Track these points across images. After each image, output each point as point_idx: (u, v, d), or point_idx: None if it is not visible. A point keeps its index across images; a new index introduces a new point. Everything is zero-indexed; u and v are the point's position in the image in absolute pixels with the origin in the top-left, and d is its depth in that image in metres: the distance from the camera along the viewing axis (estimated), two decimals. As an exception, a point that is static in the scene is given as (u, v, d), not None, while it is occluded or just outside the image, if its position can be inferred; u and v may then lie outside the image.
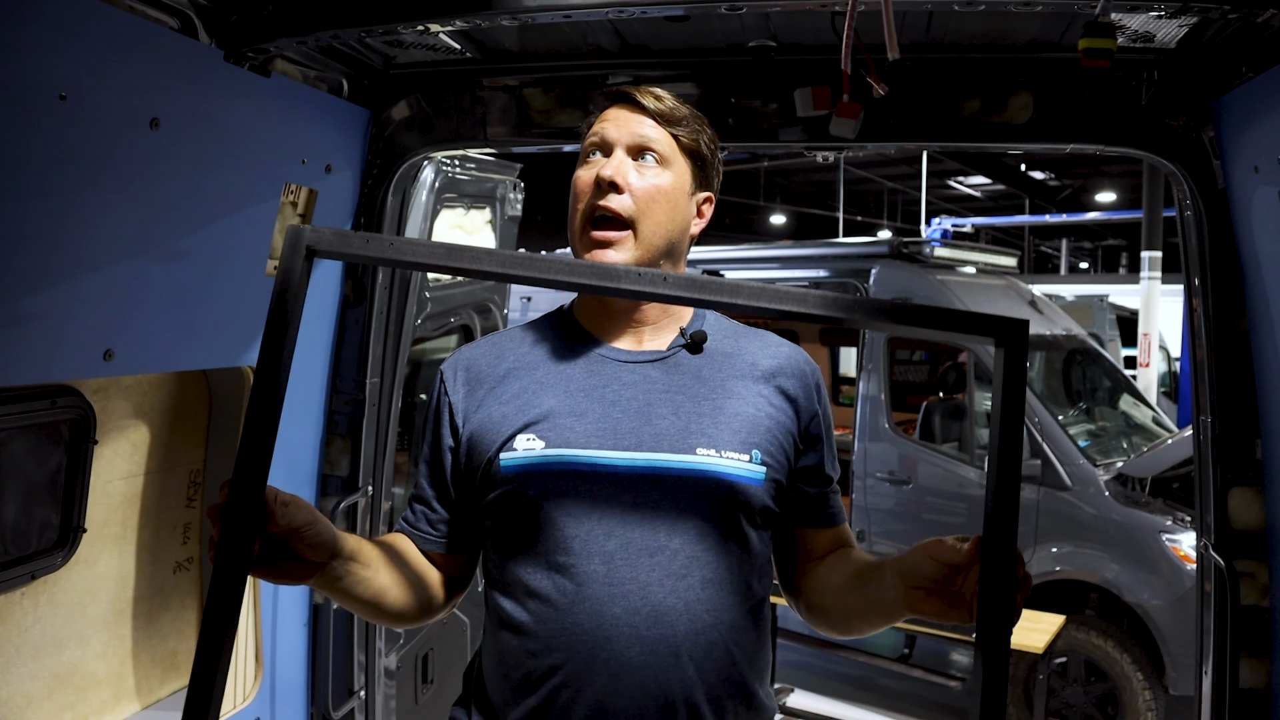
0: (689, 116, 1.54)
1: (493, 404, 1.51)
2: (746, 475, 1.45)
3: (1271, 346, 2.10)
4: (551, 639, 1.39)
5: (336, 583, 1.37)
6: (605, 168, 1.48)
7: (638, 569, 1.40)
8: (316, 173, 2.35)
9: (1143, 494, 5.57)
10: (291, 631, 2.63)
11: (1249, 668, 2.22)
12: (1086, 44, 1.49)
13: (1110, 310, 10.82)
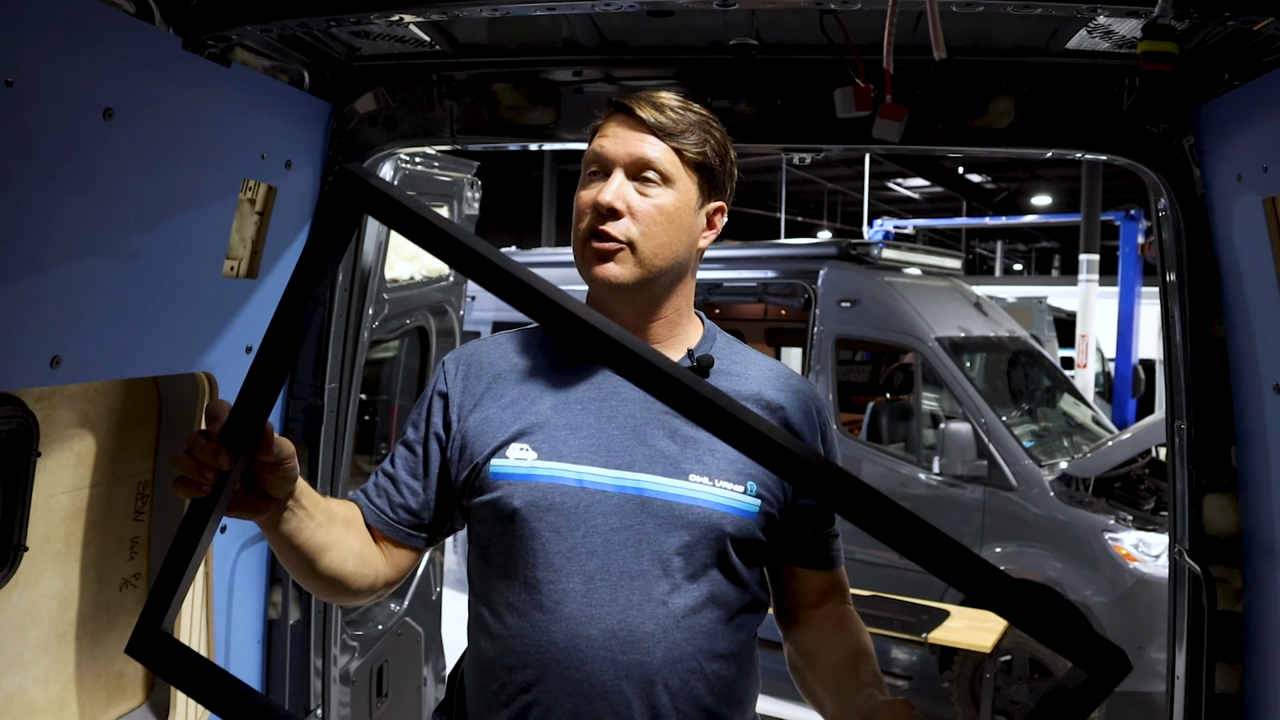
0: (695, 125, 1.47)
1: (490, 405, 1.47)
2: (739, 507, 1.41)
3: (1248, 353, 2.11)
4: (526, 655, 1.37)
5: (281, 524, 1.30)
6: (604, 191, 1.42)
7: (617, 591, 1.36)
8: (276, 168, 2.24)
9: (1086, 494, 5.67)
10: (245, 648, 2.51)
11: (1223, 673, 2.24)
12: (1146, 47, 1.46)
13: (1048, 312, 11.06)
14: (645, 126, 1.44)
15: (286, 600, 2.53)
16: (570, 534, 1.38)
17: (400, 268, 3.10)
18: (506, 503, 1.40)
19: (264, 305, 2.33)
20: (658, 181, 1.44)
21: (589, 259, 1.44)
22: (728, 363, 1.53)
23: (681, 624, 1.37)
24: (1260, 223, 1.95)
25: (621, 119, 1.47)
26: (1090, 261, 9.22)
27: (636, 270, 1.43)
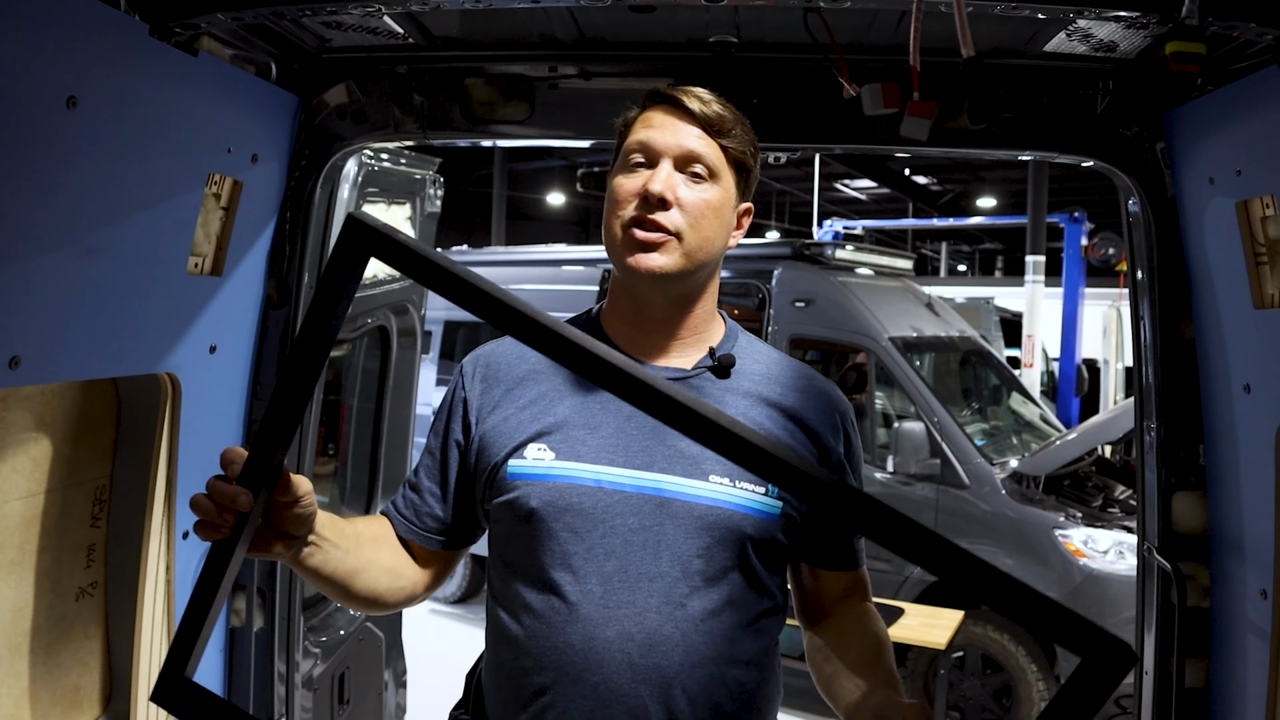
0: (735, 123, 1.46)
1: (509, 406, 1.45)
2: (759, 508, 1.39)
3: (1218, 353, 2.15)
4: (542, 657, 1.36)
5: (308, 559, 1.29)
6: (653, 180, 1.39)
7: (635, 593, 1.34)
8: (243, 162, 2.17)
9: (1036, 491, 5.77)
10: (208, 657, 2.43)
11: (1190, 667, 2.27)
12: (1175, 48, 1.47)
13: (995, 312, 11.25)
14: (693, 118, 1.43)
15: (251, 607, 2.45)
16: (588, 535, 1.36)
17: (363, 266, 3.03)
18: (524, 503, 1.39)
19: (228, 304, 2.26)
20: (705, 176, 1.43)
21: (630, 247, 1.41)
22: (749, 362, 1.52)
23: (700, 627, 1.35)
24: (1232, 225, 1.98)
25: (668, 109, 1.45)
26: (1036, 263, 9.40)
27: (680, 261, 1.41)
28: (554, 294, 7.46)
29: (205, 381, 2.23)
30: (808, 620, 1.59)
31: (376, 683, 3.44)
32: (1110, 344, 9.97)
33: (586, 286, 7.20)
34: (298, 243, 2.41)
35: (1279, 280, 1.91)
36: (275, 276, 2.43)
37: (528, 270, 7.91)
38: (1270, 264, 1.93)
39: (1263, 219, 1.92)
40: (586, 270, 7.42)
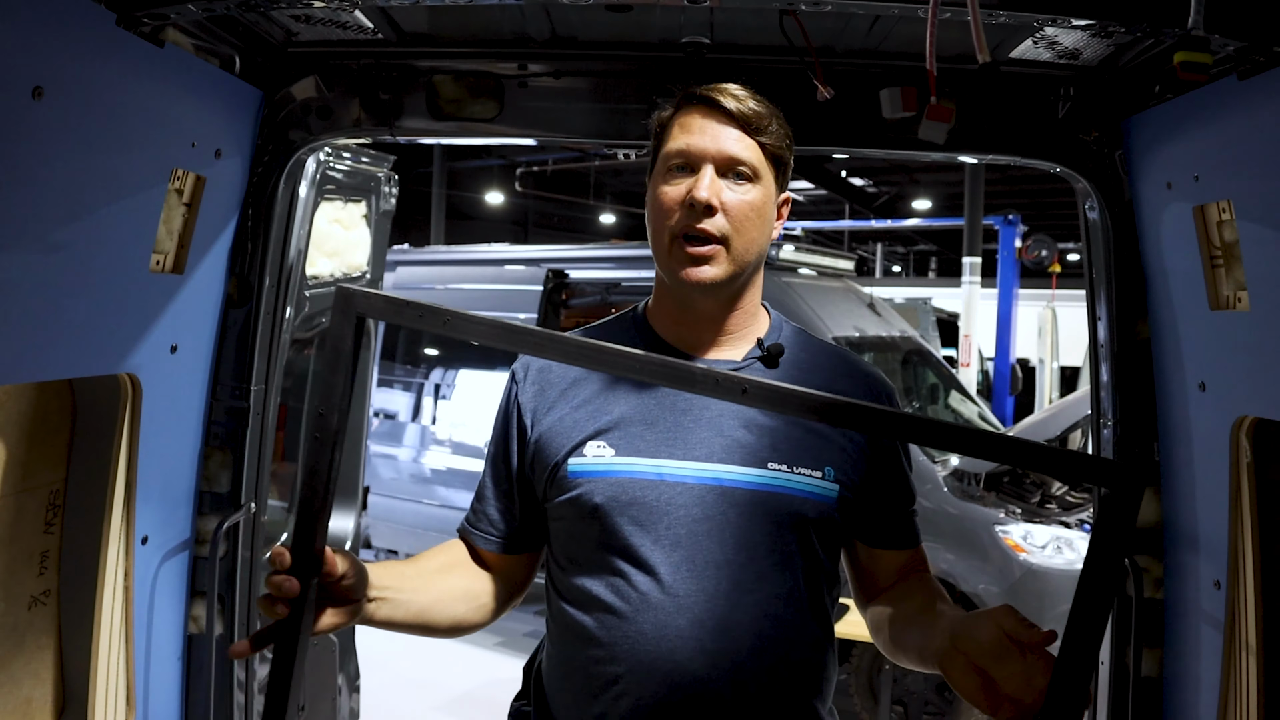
0: (770, 117, 1.46)
1: (564, 407, 1.49)
2: (818, 492, 1.42)
3: (1173, 352, 2.22)
4: (614, 647, 1.40)
5: (375, 614, 1.36)
6: (699, 188, 1.41)
7: (704, 581, 1.38)
8: (206, 157, 2.11)
9: (977, 488, 5.89)
10: (165, 665, 2.37)
11: (1145, 657, 2.34)
12: (1183, 57, 1.51)
13: (932, 313, 11.47)
14: (731, 119, 1.44)
15: (211, 614, 2.39)
16: (653, 527, 1.40)
17: (321, 264, 2.98)
18: (587, 499, 1.42)
19: (190, 302, 2.21)
20: (748, 177, 1.44)
21: (681, 260, 1.44)
22: (796, 350, 1.56)
23: (769, 611, 1.40)
24: (1189, 229, 2.05)
25: (705, 111, 1.46)
26: (973, 264, 9.61)
27: (730, 269, 1.44)
28: (497, 294, 7.42)
29: (165, 382, 2.17)
30: (864, 599, 1.63)
31: (331, 687, 3.39)
32: (1045, 343, 10.23)
33: (530, 286, 7.17)
34: (259, 240, 2.37)
35: (1234, 282, 1.98)
36: (236, 275, 2.37)
37: (469, 270, 7.85)
38: (1226, 267, 2.00)
39: (1219, 223, 1.99)
40: (530, 270, 7.39)
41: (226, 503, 2.42)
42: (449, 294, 7.57)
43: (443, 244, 15.43)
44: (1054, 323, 10.14)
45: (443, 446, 7.18)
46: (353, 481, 3.58)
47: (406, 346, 7.63)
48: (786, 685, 1.42)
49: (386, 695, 5.30)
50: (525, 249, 8.10)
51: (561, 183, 18.62)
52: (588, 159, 16.87)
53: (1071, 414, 6.23)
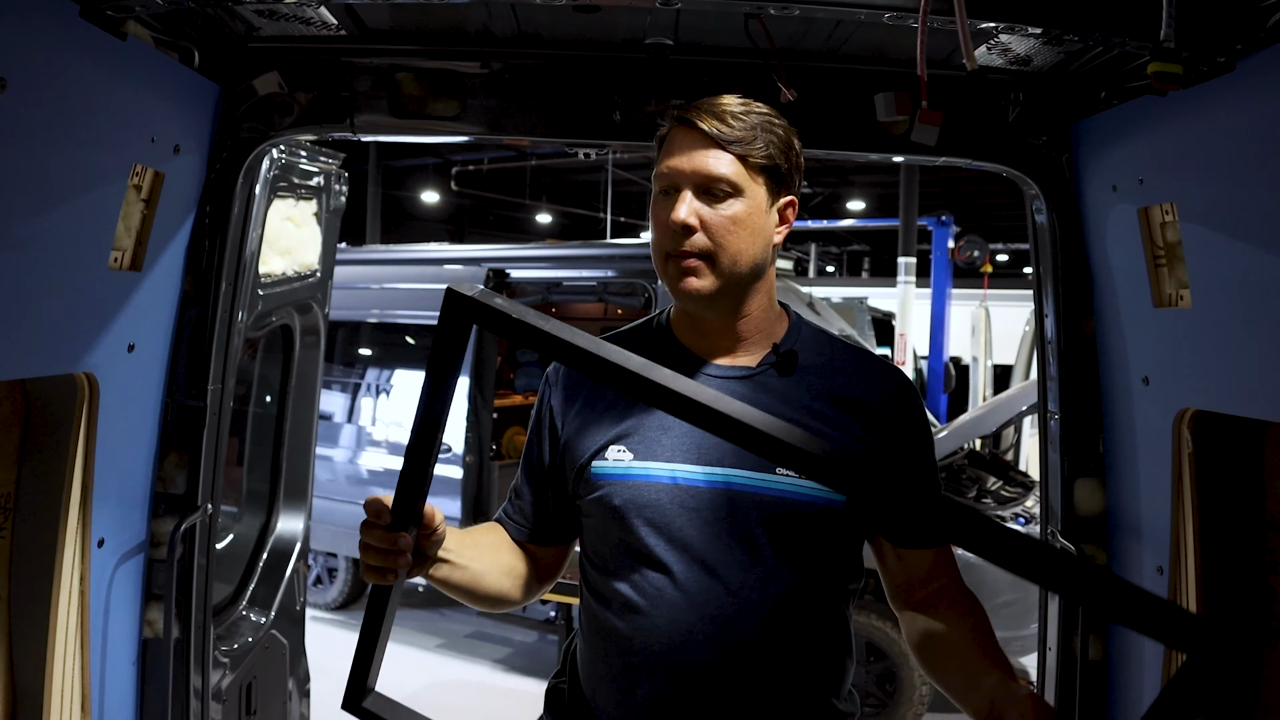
0: (758, 128, 1.48)
1: (589, 411, 1.58)
2: (826, 496, 1.46)
3: (1118, 348, 2.31)
4: (632, 640, 1.48)
5: (437, 572, 1.45)
6: (676, 211, 1.46)
7: (714, 580, 1.45)
8: (165, 153, 2.08)
9: (916, 483, 6.01)
10: (120, 670, 2.32)
11: (1092, 643, 2.43)
12: (1157, 68, 1.57)
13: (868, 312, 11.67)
14: (708, 139, 1.46)
15: (169, 618, 2.35)
16: (666, 528, 1.47)
17: (274, 263, 2.94)
18: (609, 501, 1.51)
19: (147, 300, 2.17)
20: (727, 193, 1.47)
21: (673, 275, 1.49)
22: (812, 355, 1.58)
23: (777, 610, 1.45)
24: (1134, 229, 2.14)
25: (685, 132, 1.49)
26: (908, 264, 9.81)
27: (717, 281, 1.48)
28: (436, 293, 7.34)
29: (122, 382, 2.13)
30: (900, 602, 1.64)
31: (281, 691, 3.34)
32: (979, 342, 10.47)
33: (471, 285, 7.13)
34: (217, 237, 2.33)
35: (1177, 281, 2.07)
36: (193, 273, 2.33)
37: (409, 269, 7.76)
38: (1169, 266, 2.09)
39: (1163, 224, 2.08)
40: (470, 269, 7.33)
41: (183, 504, 2.38)
42: (386, 294, 7.49)
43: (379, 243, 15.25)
44: (987, 321, 10.40)
45: (379, 447, 7.10)
46: (302, 481, 3.53)
47: (343, 346, 7.53)
48: (797, 679, 1.48)
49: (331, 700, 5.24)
50: (465, 248, 8.04)
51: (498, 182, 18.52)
52: (524, 158, 16.80)
53: (1005, 411, 6.40)
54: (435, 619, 7.48)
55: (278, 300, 3.06)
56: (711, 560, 1.45)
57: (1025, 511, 5.84)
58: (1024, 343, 9.19)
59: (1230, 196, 1.83)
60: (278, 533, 3.46)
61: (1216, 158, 1.86)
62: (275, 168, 2.74)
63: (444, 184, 18.38)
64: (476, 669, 6.48)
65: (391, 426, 7.09)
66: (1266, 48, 1.67)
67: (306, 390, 3.57)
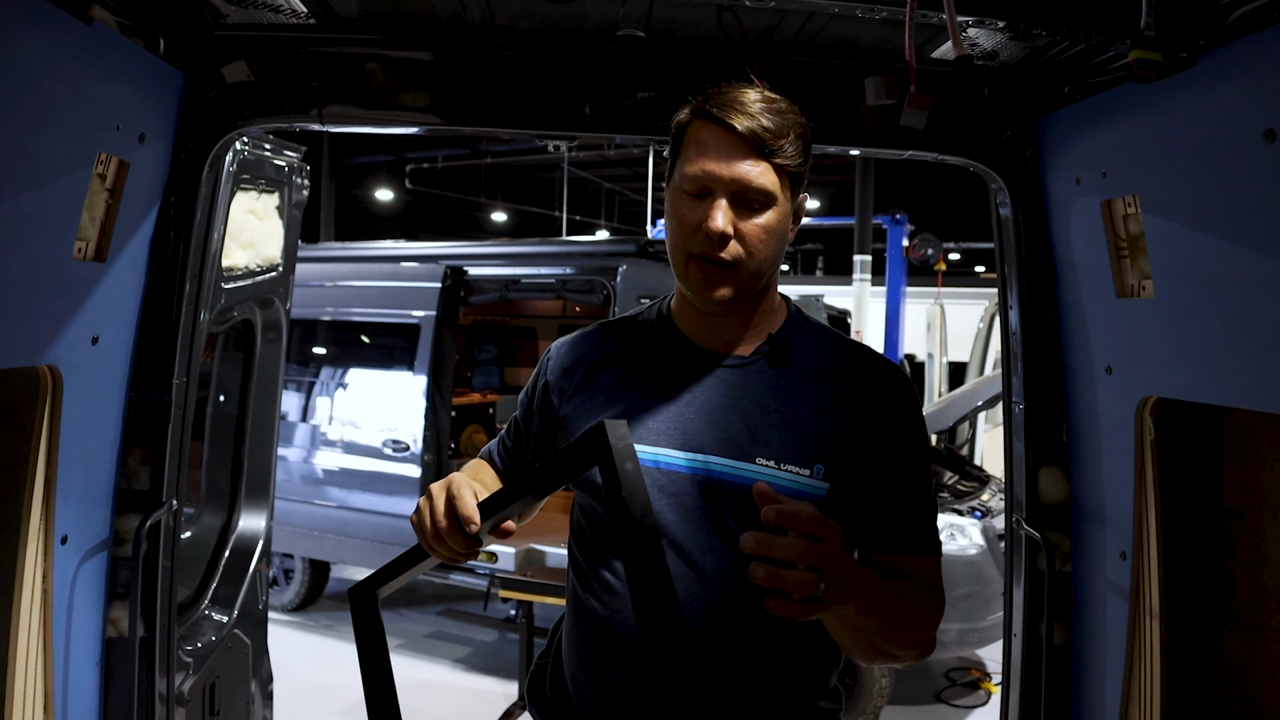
0: (788, 128, 1.45)
1: (586, 392, 1.60)
2: (804, 488, 1.45)
3: (1081, 338, 2.36)
4: (609, 622, 1.49)
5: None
6: (713, 219, 1.42)
7: (691, 566, 1.45)
8: (130, 142, 2.04)
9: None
10: (83, 670, 2.27)
11: (1057, 628, 2.48)
12: (1138, 55, 1.60)
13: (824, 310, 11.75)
14: (745, 144, 1.42)
15: (135, 617, 2.30)
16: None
17: (236, 256, 2.90)
18: (591, 480, 1.51)
19: (112, 292, 2.13)
20: (763, 205, 1.45)
21: (696, 280, 1.48)
22: (808, 348, 1.57)
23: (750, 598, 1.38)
24: (1097, 221, 2.18)
25: (718, 132, 1.44)
26: (863, 262, 9.90)
27: (739, 286, 1.48)
28: (393, 290, 7.28)
29: (86, 375, 2.08)
30: None
31: (244, 692, 3.29)
32: (934, 339, 10.61)
33: (428, 283, 7.06)
34: (182, 229, 2.29)
35: (1139, 271, 2.12)
36: (158, 265, 2.29)
37: (365, 266, 7.67)
38: (1131, 257, 2.14)
39: (1125, 216, 2.13)
40: (427, 267, 7.27)
41: (148, 501, 2.33)
42: (341, 291, 7.41)
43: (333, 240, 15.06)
44: (942, 319, 10.54)
45: (334, 447, 7.02)
46: (264, 479, 3.49)
47: (297, 345, 7.43)
48: (772, 671, 1.47)
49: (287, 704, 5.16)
50: (422, 245, 7.95)
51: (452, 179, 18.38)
52: (479, 156, 16.70)
53: (960, 406, 6.50)
54: (394, 619, 7.41)
55: (240, 294, 3.02)
56: (687, 546, 1.45)
57: (981, 505, 5.93)
58: (978, 339, 9.33)
59: (1191, 189, 1.88)
60: (239, 531, 3.40)
61: (1178, 151, 1.91)
62: (237, 160, 2.70)
63: (398, 182, 18.22)
64: (436, 669, 6.44)
65: (346, 426, 7.01)
66: (1228, 43, 1.71)
67: (268, 387, 3.52)
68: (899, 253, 10.68)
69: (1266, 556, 2.21)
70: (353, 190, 19.77)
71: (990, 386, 6.46)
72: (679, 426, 1.50)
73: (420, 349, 6.76)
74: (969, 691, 6.03)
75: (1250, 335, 1.74)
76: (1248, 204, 1.71)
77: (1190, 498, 2.19)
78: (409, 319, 6.92)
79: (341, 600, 7.79)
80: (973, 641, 5.45)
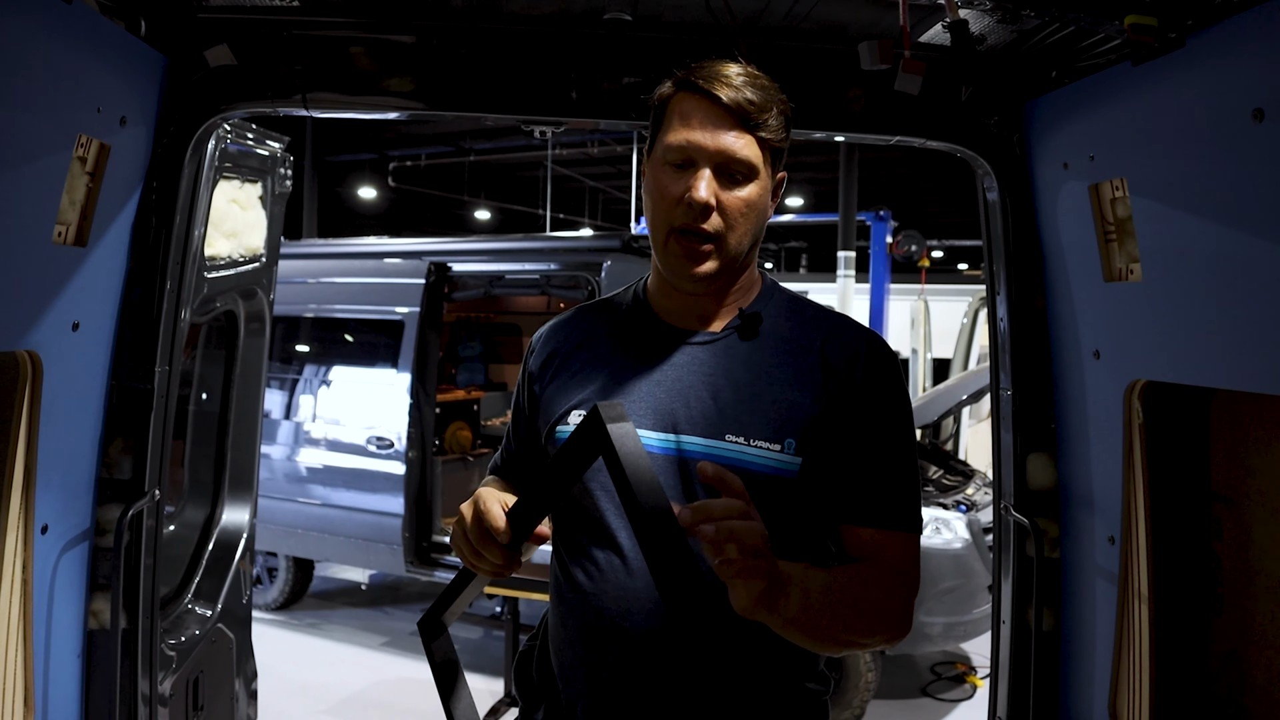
0: (769, 104, 1.44)
1: (563, 375, 1.60)
2: (774, 465, 1.43)
3: (1069, 323, 2.36)
4: (585, 606, 1.49)
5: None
6: (696, 189, 1.42)
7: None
8: (111, 125, 2.01)
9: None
10: (65, 663, 2.23)
11: (1046, 615, 2.48)
12: (1133, 20, 1.60)
13: (808, 306, 11.79)
14: (729, 115, 1.42)
15: (117, 609, 2.27)
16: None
17: (219, 245, 2.87)
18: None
19: (92, 277, 2.10)
20: (745, 176, 1.45)
21: (677, 254, 1.46)
22: (779, 319, 1.55)
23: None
24: (1085, 206, 2.18)
25: (702, 103, 1.44)
26: (847, 258, 9.91)
27: (720, 262, 1.47)
28: (377, 287, 7.24)
29: (66, 361, 2.06)
30: None
31: (228, 687, 3.26)
32: (918, 335, 10.64)
33: (412, 280, 7.03)
34: (165, 214, 2.26)
35: (1127, 255, 2.12)
36: (139, 251, 2.26)
37: (348, 263, 7.63)
38: (1119, 241, 2.14)
39: (1113, 200, 2.13)
40: (411, 263, 7.24)
41: (130, 490, 2.30)
42: (325, 288, 7.36)
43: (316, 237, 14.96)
44: (926, 315, 10.57)
45: (317, 445, 6.98)
46: (247, 472, 3.45)
47: (280, 342, 7.38)
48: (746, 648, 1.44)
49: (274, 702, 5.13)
50: (406, 241, 7.90)
51: (435, 177, 18.30)
52: (462, 154, 16.64)
53: (944, 401, 6.52)
54: (379, 617, 7.38)
55: (223, 284, 2.99)
56: None
57: (966, 499, 5.95)
58: (962, 335, 9.36)
59: (1179, 171, 1.88)
60: (223, 524, 3.37)
61: (1166, 133, 1.91)
62: (220, 148, 2.67)
63: (381, 180, 18.13)
64: (422, 667, 6.40)
65: (329, 423, 6.97)
66: (1215, 24, 1.71)
67: (251, 379, 3.49)
68: (883, 249, 10.70)
69: (1254, 540, 2.22)
70: (335, 188, 19.66)
71: (974, 381, 6.49)
72: (650, 406, 1.49)
73: (404, 346, 6.73)
74: (954, 685, 6.04)
75: (1238, 316, 1.74)
76: (1236, 185, 1.71)
77: (1178, 482, 2.19)
78: (393, 315, 6.89)
79: (326, 599, 7.75)
80: (958, 635, 5.46)
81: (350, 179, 19.02)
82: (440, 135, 16.23)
